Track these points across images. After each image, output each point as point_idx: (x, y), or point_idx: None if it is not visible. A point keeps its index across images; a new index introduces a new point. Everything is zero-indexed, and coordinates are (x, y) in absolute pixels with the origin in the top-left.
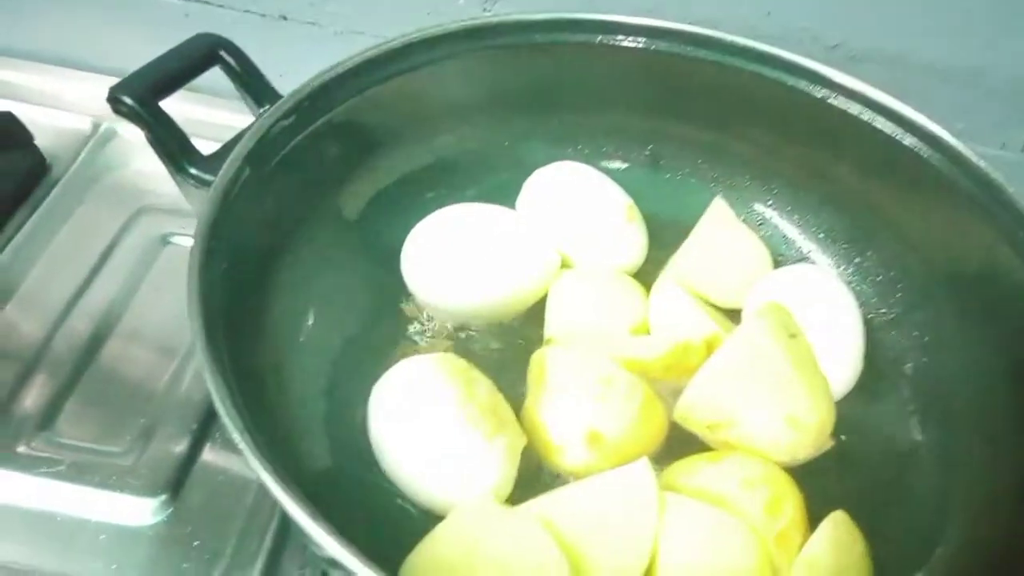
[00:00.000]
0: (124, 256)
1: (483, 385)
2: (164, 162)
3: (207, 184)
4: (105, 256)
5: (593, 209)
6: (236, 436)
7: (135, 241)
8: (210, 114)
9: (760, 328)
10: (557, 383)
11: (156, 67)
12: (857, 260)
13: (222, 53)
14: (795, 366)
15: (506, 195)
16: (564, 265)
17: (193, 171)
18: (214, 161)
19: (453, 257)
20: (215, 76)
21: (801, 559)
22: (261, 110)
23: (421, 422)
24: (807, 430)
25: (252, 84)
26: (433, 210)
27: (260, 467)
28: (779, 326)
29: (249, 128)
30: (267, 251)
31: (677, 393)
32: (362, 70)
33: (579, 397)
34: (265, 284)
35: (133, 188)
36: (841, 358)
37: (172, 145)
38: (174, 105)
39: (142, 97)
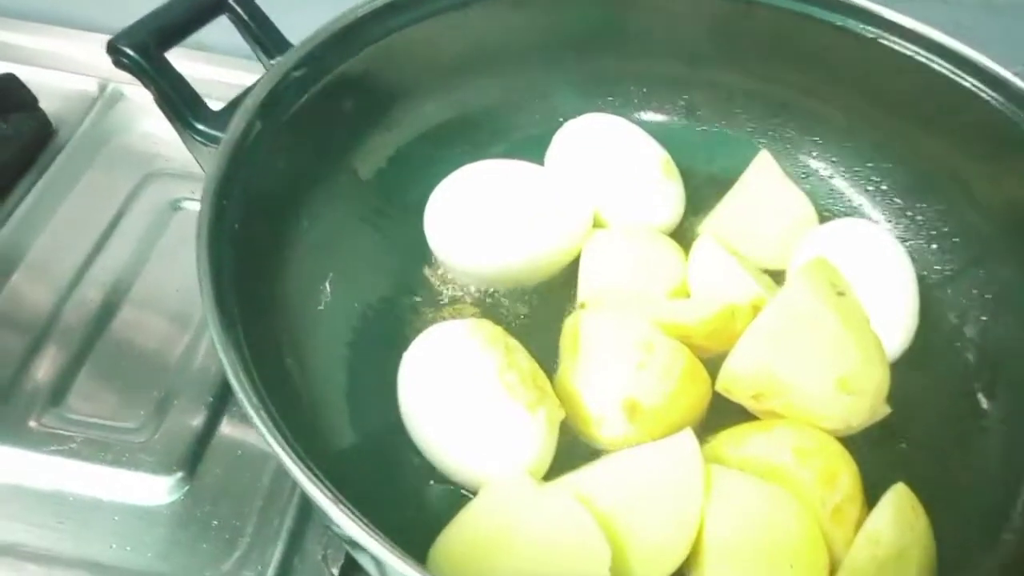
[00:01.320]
0: (134, 222)
1: (521, 353)
2: (170, 118)
3: (216, 141)
4: (114, 223)
5: (627, 164)
6: (250, 411)
7: (145, 207)
8: (220, 73)
9: (805, 287)
10: (593, 350)
11: (159, 16)
12: (910, 214)
13: (231, 1)
14: (845, 326)
15: (534, 150)
16: (597, 224)
17: (201, 127)
18: (223, 116)
19: (479, 216)
20: (224, 31)
21: (863, 533)
22: (272, 61)
23: (459, 392)
24: (861, 394)
25: (262, 33)
26: (457, 167)
27: (276, 445)
28: (826, 284)
29: (258, 82)
30: (281, 212)
31: (719, 360)
32: (378, 16)
33: (617, 364)
34: (279, 248)
35: (142, 152)
36: (894, 317)
37: (178, 100)
38: (180, 64)
39: (145, 48)
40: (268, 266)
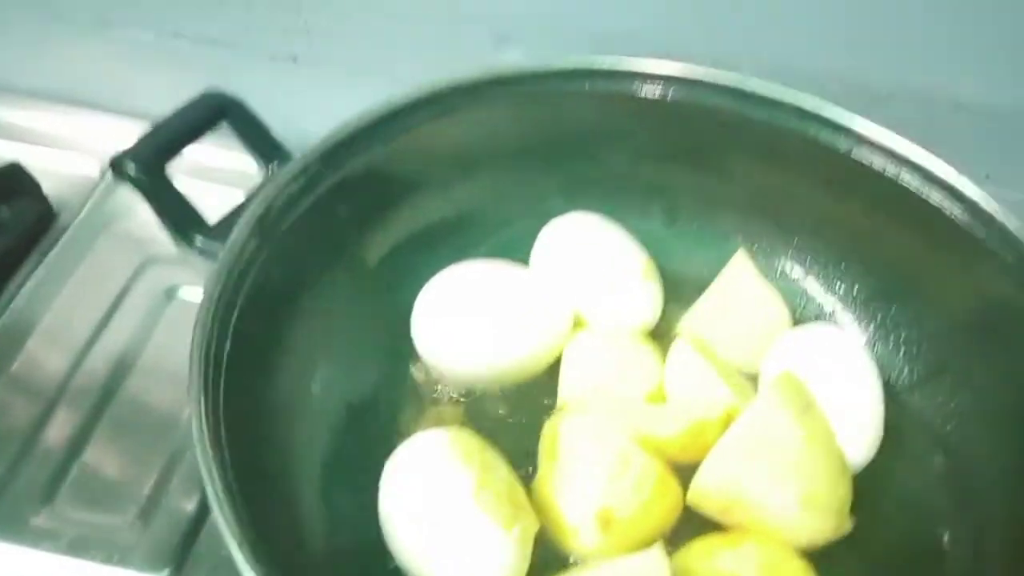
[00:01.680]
0: (131, 309)
1: (500, 468)
2: (169, 232)
3: (214, 255)
4: (112, 309)
5: (608, 265)
6: (232, 548)
7: (142, 292)
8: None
9: (773, 403)
10: (571, 459)
11: (162, 130)
12: (879, 317)
13: (230, 111)
14: (811, 443)
15: (524, 247)
16: (578, 324)
17: (199, 242)
18: (221, 230)
19: (462, 319)
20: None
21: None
22: (269, 166)
23: (435, 507)
24: (825, 511)
25: (260, 142)
26: (445, 266)
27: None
28: (793, 399)
29: (255, 195)
30: (274, 320)
31: (690, 470)
32: (372, 129)
33: (594, 476)
34: (270, 360)
35: (140, 236)
36: (860, 428)
37: (178, 215)
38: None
39: (147, 165)
40: (259, 381)
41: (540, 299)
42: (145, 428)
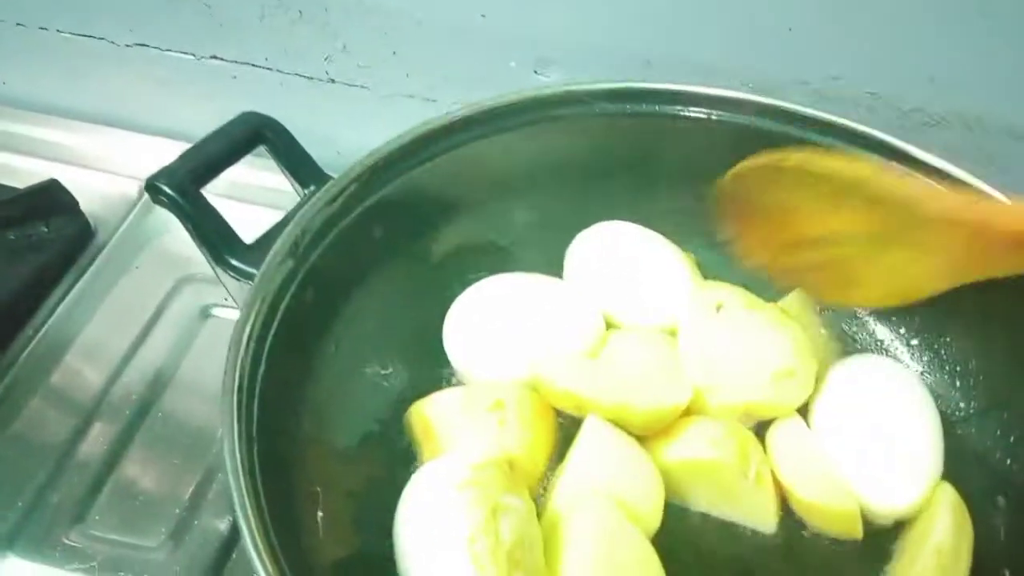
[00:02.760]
0: (167, 327)
1: (513, 516)
2: (204, 253)
3: (249, 276)
4: (148, 327)
5: (641, 267)
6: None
7: (178, 312)
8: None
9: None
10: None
11: (197, 153)
12: (935, 348)
13: (267, 134)
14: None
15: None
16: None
17: (234, 263)
18: (256, 251)
19: (494, 331)
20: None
21: (930, 546)
22: (306, 191)
23: (430, 546)
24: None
25: (297, 164)
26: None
27: None
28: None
29: (291, 217)
30: (306, 347)
31: None
32: (409, 151)
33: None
34: (302, 380)
35: (176, 255)
36: (918, 460)
37: (213, 236)
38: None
39: (182, 187)
40: (292, 397)
41: (570, 307)
42: (179, 446)
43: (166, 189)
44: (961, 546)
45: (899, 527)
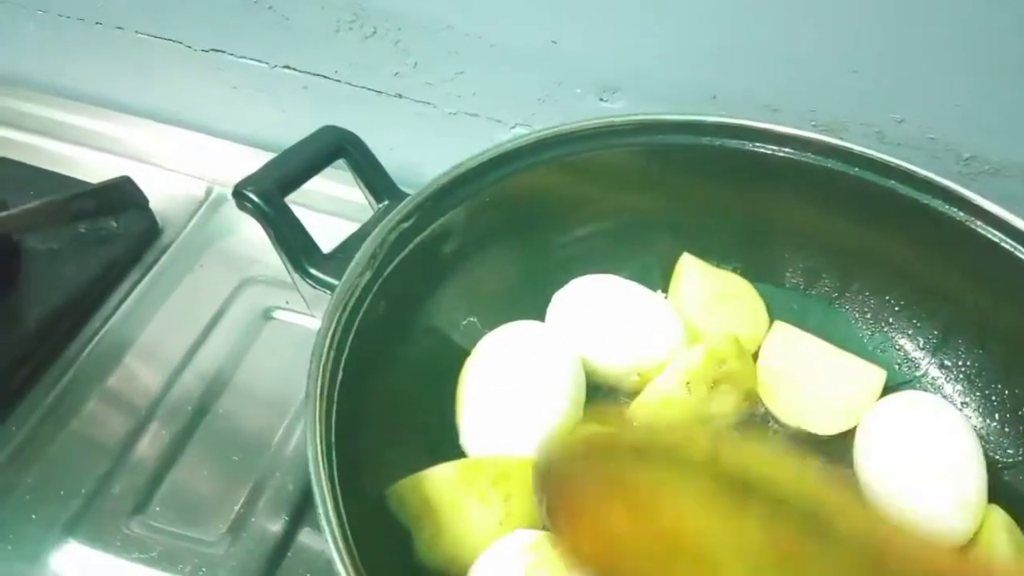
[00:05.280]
0: (228, 328)
1: None
2: (284, 260)
3: (326, 285)
4: (210, 327)
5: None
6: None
7: (240, 311)
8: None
9: None
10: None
11: (282, 162)
12: (986, 393)
13: (347, 147)
14: None
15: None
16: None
17: (313, 271)
18: (334, 262)
19: (488, 408)
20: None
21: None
22: (380, 206)
23: None
24: None
25: (374, 180)
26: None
27: None
28: None
29: (370, 229)
30: (380, 356)
31: None
32: (483, 170)
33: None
34: (378, 390)
35: (241, 256)
36: (961, 498)
37: (294, 244)
38: None
39: (268, 195)
40: (369, 404)
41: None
42: (236, 447)
43: (252, 196)
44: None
45: None
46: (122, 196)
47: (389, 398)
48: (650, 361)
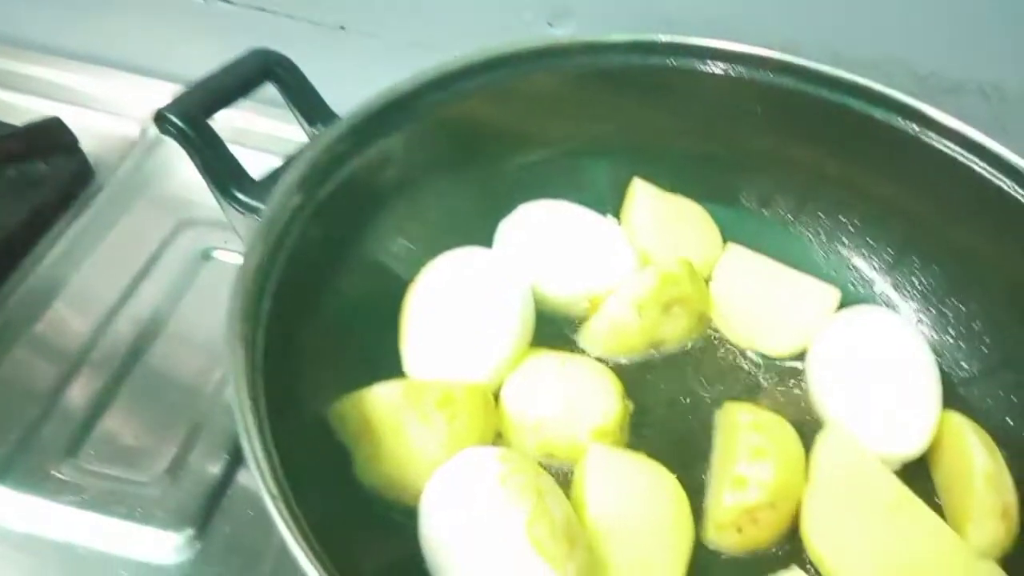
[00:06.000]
0: (164, 271)
1: (554, 496)
2: (210, 186)
3: (255, 211)
4: (146, 268)
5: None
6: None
7: (177, 253)
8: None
9: None
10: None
11: (206, 85)
12: (941, 309)
13: (277, 70)
14: None
15: None
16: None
17: (242, 197)
18: (264, 187)
19: (435, 334)
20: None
21: (978, 475)
22: (314, 130)
23: (483, 541)
24: None
25: (306, 103)
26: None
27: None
28: None
29: (300, 154)
30: (314, 284)
31: None
32: (420, 93)
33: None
34: (309, 323)
35: (178, 198)
36: (914, 412)
37: (220, 169)
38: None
39: (191, 118)
40: (298, 332)
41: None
42: (173, 390)
43: (174, 119)
44: (1000, 462)
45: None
46: (50, 137)
47: (331, 326)
48: (601, 287)
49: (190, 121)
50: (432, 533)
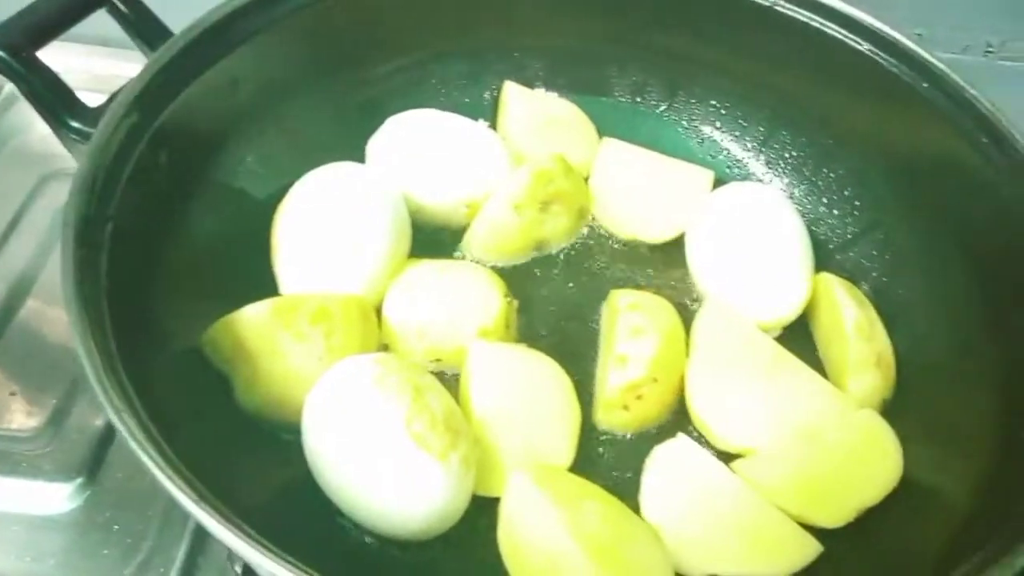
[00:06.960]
0: (32, 225)
1: (434, 390)
2: (42, 115)
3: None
4: (12, 226)
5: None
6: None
7: (41, 210)
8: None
9: None
10: None
11: (32, 12)
12: (812, 179)
13: None
14: None
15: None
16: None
17: (76, 124)
18: (100, 112)
19: (307, 249)
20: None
21: (850, 326)
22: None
23: (365, 445)
24: None
25: (142, 26)
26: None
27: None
28: None
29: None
30: (161, 211)
31: None
32: (254, 10)
33: None
34: (155, 240)
35: (40, 152)
36: (787, 279)
37: (50, 97)
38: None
39: (15, 48)
40: (157, 270)
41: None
42: (49, 347)
43: None
44: (872, 315)
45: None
46: None
47: (191, 254)
48: (478, 193)
49: (13, 50)
50: (317, 446)
